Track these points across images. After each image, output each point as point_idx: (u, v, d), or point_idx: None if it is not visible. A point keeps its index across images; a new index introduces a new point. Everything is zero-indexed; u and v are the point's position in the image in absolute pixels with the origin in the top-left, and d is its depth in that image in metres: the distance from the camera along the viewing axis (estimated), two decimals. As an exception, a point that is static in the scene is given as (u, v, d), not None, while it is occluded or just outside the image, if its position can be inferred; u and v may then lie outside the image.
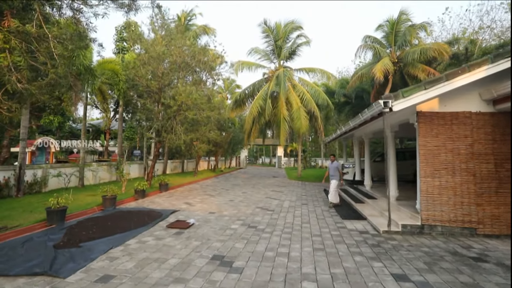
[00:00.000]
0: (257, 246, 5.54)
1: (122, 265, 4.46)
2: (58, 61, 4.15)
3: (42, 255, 4.75)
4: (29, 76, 3.98)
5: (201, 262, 4.66)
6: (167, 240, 5.79)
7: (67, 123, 28.73)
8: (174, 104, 10.13)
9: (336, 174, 9.66)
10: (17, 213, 7.34)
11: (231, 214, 8.37)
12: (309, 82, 20.11)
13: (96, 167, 13.54)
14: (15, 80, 3.77)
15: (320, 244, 5.74)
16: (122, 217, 7.71)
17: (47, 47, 4.00)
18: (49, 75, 4.17)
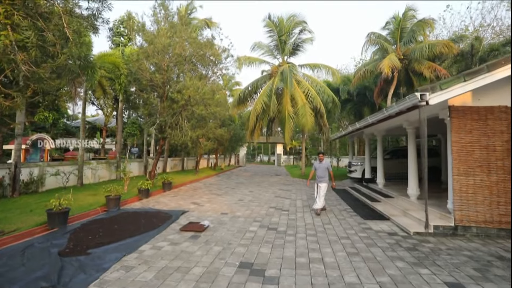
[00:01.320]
0: (284, 251, 5.04)
1: (141, 276, 3.91)
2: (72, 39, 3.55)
3: (46, 264, 4.18)
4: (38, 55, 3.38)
5: (228, 271, 4.14)
6: (184, 245, 5.25)
7: (61, 120, 27.84)
8: (181, 98, 9.54)
9: (325, 175, 8.09)
10: (13, 215, 6.71)
11: (245, 215, 7.85)
12: (314, 78, 19.64)
13: (95, 165, 12.86)
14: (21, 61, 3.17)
15: (351, 247, 5.27)
16: (129, 219, 7.14)
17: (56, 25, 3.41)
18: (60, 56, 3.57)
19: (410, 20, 19.61)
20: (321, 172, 8.11)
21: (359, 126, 10.44)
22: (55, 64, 3.62)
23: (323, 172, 8.08)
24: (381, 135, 11.58)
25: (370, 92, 25.47)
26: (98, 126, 27.41)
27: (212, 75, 13.78)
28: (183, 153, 20.77)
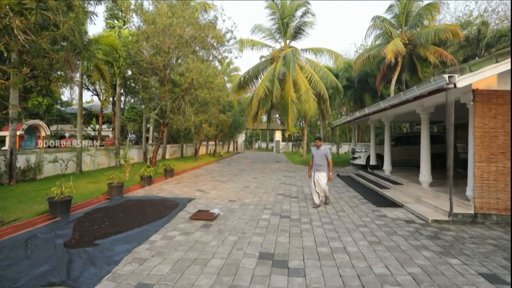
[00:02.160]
0: (303, 240, 4.80)
1: (156, 269, 3.63)
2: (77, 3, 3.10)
3: (53, 257, 3.87)
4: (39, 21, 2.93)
5: (249, 262, 3.88)
6: (197, 235, 4.98)
7: (55, 106, 27.05)
8: (184, 81, 9.06)
9: (324, 163, 7.12)
10: (12, 204, 6.36)
11: (254, 202, 7.60)
12: (317, 63, 19.09)
13: (94, 152, 12.45)
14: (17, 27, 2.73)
15: (371, 236, 5.05)
16: (134, 207, 6.83)
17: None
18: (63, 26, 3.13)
19: (416, 3, 19.00)
20: (319, 159, 7.13)
21: (369, 112, 10.12)
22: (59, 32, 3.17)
23: (321, 160, 7.12)
24: (389, 121, 11.31)
25: (372, 79, 25.03)
26: (94, 112, 26.73)
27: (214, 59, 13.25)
28: (182, 140, 20.34)
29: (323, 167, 7.11)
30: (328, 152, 7.17)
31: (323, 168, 7.11)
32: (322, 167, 7.11)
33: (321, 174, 7.08)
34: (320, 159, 7.13)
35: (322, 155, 7.14)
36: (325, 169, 7.12)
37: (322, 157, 7.13)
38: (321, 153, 7.16)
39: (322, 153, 7.15)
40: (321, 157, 7.13)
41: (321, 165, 7.11)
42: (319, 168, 7.11)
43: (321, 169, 7.12)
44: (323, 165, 7.11)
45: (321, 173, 7.08)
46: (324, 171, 7.11)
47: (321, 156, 7.14)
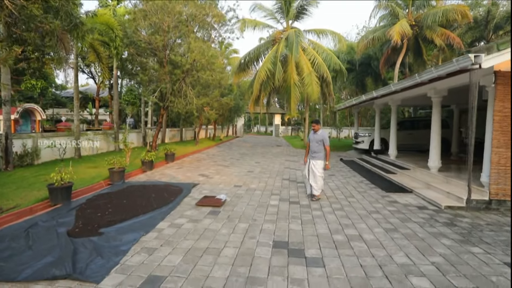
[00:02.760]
0: (316, 227, 4.63)
1: (167, 259, 3.44)
2: None
3: (56, 247, 3.66)
4: None
5: (264, 252, 3.70)
6: (206, 222, 4.79)
7: (50, 90, 26.36)
8: (185, 62, 8.61)
9: (320, 150, 6.22)
10: (10, 191, 6.11)
11: (260, 188, 7.41)
12: (320, 45, 18.46)
13: (93, 136, 12.10)
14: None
15: (386, 223, 4.89)
16: (137, 193, 6.61)
17: None
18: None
19: (424, -19, 18.21)
20: (315, 145, 6.26)
21: (376, 95, 9.80)
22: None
23: (317, 146, 6.24)
24: (396, 105, 11.01)
25: (375, 62, 24.45)
26: (90, 95, 26.09)
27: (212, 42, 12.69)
28: (182, 124, 19.96)
29: (320, 154, 6.24)
30: (326, 137, 6.22)
31: (319, 155, 6.23)
32: (318, 154, 6.23)
33: (316, 162, 6.21)
34: (316, 145, 6.25)
35: (318, 140, 6.21)
36: (321, 156, 6.22)
37: (318, 143, 6.22)
38: (318, 138, 6.22)
39: (318, 138, 6.21)
40: (317, 143, 6.23)
41: (317, 152, 6.24)
42: (315, 155, 6.24)
43: (316, 157, 6.23)
44: (320, 152, 6.24)
45: (317, 161, 6.21)
46: (320, 159, 6.21)
47: (318, 142, 6.22)
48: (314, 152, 6.28)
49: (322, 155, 6.22)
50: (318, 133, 6.27)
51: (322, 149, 6.23)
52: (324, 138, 6.21)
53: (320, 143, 6.21)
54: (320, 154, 6.23)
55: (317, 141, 6.23)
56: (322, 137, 6.22)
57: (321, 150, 6.23)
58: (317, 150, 6.25)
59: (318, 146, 6.24)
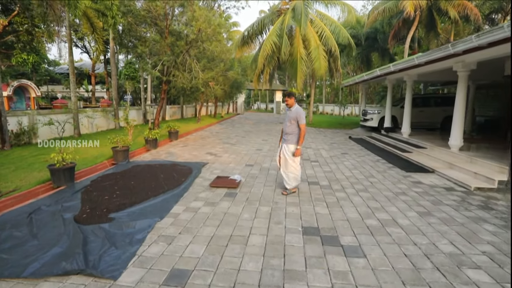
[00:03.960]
0: (345, 210, 4.28)
1: (189, 250, 3.08)
2: None
3: (64, 236, 3.28)
4: None
5: (295, 239, 3.35)
6: (224, 205, 4.42)
7: (43, 66, 25.27)
8: (190, 32, 7.89)
9: (294, 131, 4.85)
10: (9, 172, 5.67)
11: (273, 167, 7.03)
12: (328, 16, 17.39)
13: (92, 114, 11.52)
14: None
15: (417, 206, 4.54)
16: (144, 173, 6.20)
17: None
18: None
19: None
20: (287, 125, 4.89)
21: (394, 69, 9.19)
22: None
23: (289, 126, 4.85)
24: (412, 81, 10.42)
25: (381, 35, 23.38)
26: (86, 71, 25.06)
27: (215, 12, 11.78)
28: (185, 100, 19.26)
29: (293, 136, 4.84)
30: (301, 114, 4.79)
31: (292, 138, 4.84)
32: (291, 136, 4.85)
33: (288, 147, 4.87)
34: (288, 124, 4.86)
35: (292, 118, 4.81)
36: (295, 140, 4.84)
37: (291, 122, 4.82)
38: (291, 116, 4.82)
39: (292, 115, 4.81)
40: (290, 122, 4.84)
41: (290, 134, 4.86)
42: (287, 138, 4.89)
43: (289, 140, 4.86)
44: (293, 133, 4.84)
45: (289, 146, 4.86)
46: (293, 143, 4.84)
47: (291, 120, 4.82)
48: (286, 133, 4.92)
49: (296, 138, 4.85)
50: (293, 109, 4.88)
51: (296, 129, 4.84)
52: (299, 115, 4.77)
53: (294, 122, 4.82)
54: (293, 137, 4.86)
55: (290, 120, 4.83)
56: (295, 115, 4.79)
57: (294, 131, 4.85)
58: (290, 131, 4.86)
59: (291, 126, 4.84)
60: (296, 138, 4.84)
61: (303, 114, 4.81)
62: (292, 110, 4.89)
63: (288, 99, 4.92)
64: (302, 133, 4.79)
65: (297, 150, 4.81)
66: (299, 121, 4.78)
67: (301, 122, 4.77)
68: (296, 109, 4.86)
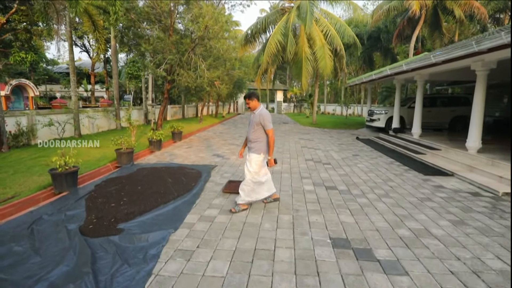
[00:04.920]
0: (371, 218, 3.97)
1: (211, 267, 2.75)
2: None
3: (69, 251, 2.95)
4: None
5: (326, 254, 3.03)
6: (241, 213, 4.09)
7: (41, 65, 24.86)
8: (197, 29, 7.55)
9: (259, 138, 4.04)
10: (7, 176, 5.33)
11: (286, 170, 6.72)
12: (333, 15, 17.09)
13: (93, 114, 11.17)
14: None
15: (446, 213, 4.24)
16: (151, 177, 5.87)
17: None
18: None
19: None
20: (251, 132, 4.10)
21: (407, 69, 8.90)
22: None
23: (253, 132, 4.05)
24: (423, 80, 10.14)
25: (385, 35, 23.15)
26: (85, 71, 24.65)
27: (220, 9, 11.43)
28: (189, 99, 18.90)
29: (256, 144, 4.02)
30: (266, 117, 3.93)
31: (255, 146, 4.02)
32: (255, 144, 4.03)
33: (250, 157, 4.07)
34: (252, 130, 4.05)
35: (255, 123, 4.00)
36: (259, 148, 4.00)
37: (255, 128, 4.01)
38: (255, 120, 4.01)
39: (255, 120, 4.00)
40: (253, 127, 4.03)
41: (254, 141, 4.04)
42: (251, 146, 4.09)
43: (252, 148, 4.06)
44: (257, 140, 4.02)
45: (251, 155, 4.06)
46: (255, 152, 4.01)
47: (254, 126, 4.02)
48: (250, 141, 4.12)
49: (260, 146, 4.00)
50: (256, 113, 4.04)
51: (261, 136, 4.01)
52: (263, 119, 3.93)
53: (259, 128, 3.99)
54: (258, 145, 4.01)
55: (254, 125, 4.02)
56: (260, 118, 3.94)
57: (260, 138, 4.01)
58: (254, 138, 4.02)
59: (255, 132, 4.01)
60: (261, 145, 4.00)
61: (269, 118, 3.98)
62: (255, 114, 4.04)
63: (249, 101, 4.05)
64: (271, 141, 4.00)
65: (270, 160, 4.05)
66: (265, 126, 3.94)
67: (267, 127, 3.95)
68: (260, 112, 4.01)
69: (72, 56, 9.84)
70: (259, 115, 4.00)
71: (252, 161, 4.04)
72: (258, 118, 3.99)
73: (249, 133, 4.14)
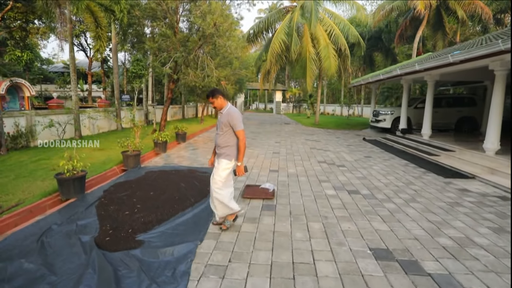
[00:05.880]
0: (405, 225, 3.72)
1: (250, 285, 2.47)
2: None
3: (88, 268, 2.63)
4: None
5: (371, 267, 2.77)
6: (267, 221, 3.81)
7: (36, 64, 24.27)
8: (207, 27, 7.24)
9: (228, 141, 3.35)
10: (8, 181, 4.97)
11: (301, 173, 6.44)
12: (337, 15, 16.90)
13: (94, 114, 10.79)
14: None
15: (482, 219, 4.01)
16: (161, 181, 5.55)
17: None
18: None
19: None
20: (219, 135, 3.40)
21: (419, 68, 8.69)
22: None
23: (221, 135, 3.36)
24: (434, 80, 9.97)
25: (386, 35, 23.07)
26: (82, 70, 24.12)
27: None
28: (184, 100, 18.58)
29: (228, 149, 3.35)
30: (235, 117, 3.26)
31: (226, 151, 3.35)
32: (224, 149, 3.35)
33: (219, 163, 3.38)
34: (220, 132, 3.37)
35: (223, 124, 3.33)
36: (228, 152, 3.33)
37: (223, 129, 3.34)
38: (222, 121, 3.33)
39: (223, 120, 3.33)
40: (221, 129, 3.36)
41: (223, 146, 3.36)
42: (219, 152, 3.40)
43: (221, 154, 3.37)
44: (227, 145, 3.34)
45: (220, 161, 3.37)
46: (225, 157, 3.34)
47: (222, 127, 3.35)
48: (218, 146, 3.41)
49: (231, 151, 3.33)
50: (223, 112, 3.36)
51: (231, 140, 3.33)
52: (232, 118, 3.25)
53: (227, 129, 3.31)
54: (228, 150, 3.34)
55: (222, 126, 3.35)
56: (228, 118, 3.27)
57: (229, 141, 3.33)
58: (223, 142, 3.35)
59: (224, 136, 3.34)
60: (231, 150, 3.32)
61: (239, 117, 3.28)
62: (222, 113, 3.35)
63: (214, 99, 3.33)
64: (242, 144, 3.26)
65: (238, 168, 3.33)
66: (234, 127, 3.24)
67: (237, 128, 3.23)
68: (228, 111, 3.31)
69: (73, 54, 9.47)
70: (227, 114, 3.30)
71: (220, 169, 3.33)
72: (226, 118, 3.27)
73: (217, 136, 3.41)
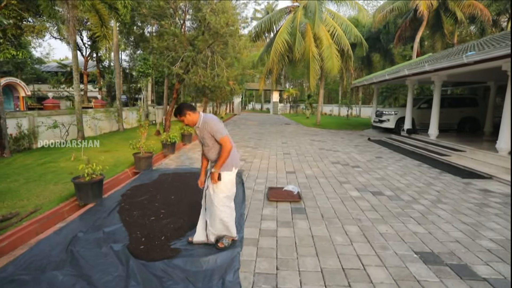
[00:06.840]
0: (442, 227, 3.65)
1: (306, 294, 2.33)
2: None
3: (130, 280, 2.45)
4: None
5: (423, 272, 2.67)
6: (302, 225, 3.68)
7: (28, 63, 23.64)
8: (220, 26, 7.05)
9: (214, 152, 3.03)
10: (19, 185, 4.73)
11: (318, 174, 6.34)
12: (339, 15, 16.91)
13: (100, 115, 10.49)
14: None
15: (515, 220, 3.97)
16: (178, 184, 5.38)
17: None
18: None
19: None
20: (208, 150, 3.06)
21: (429, 69, 8.68)
22: None
23: (211, 150, 3.04)
24: (441, 81, 10.00)
25: (384, 36, 23.21)
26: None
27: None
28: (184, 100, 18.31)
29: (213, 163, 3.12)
30: (213, 123, 2.92)
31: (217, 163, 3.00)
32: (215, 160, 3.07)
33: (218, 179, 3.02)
34: (207, 147, 3.04)
35: (206, 138, 2.99)
36: (227, 162, 3.00)
37: (208, 144, 3.01)
38: (204, 136, 2.99)
39: (204, 135, 2.98)
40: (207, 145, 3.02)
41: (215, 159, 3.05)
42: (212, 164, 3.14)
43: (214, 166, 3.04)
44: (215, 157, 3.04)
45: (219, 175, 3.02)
46: (224, 170, 3.02)
47: (206, 142, 3.02)
48: (211, 161, 3.14)
49: (227, 161, 2.99)
50: (199, 125, 2.97)
51: (216, 151, 3.02)
52: (210, 126, 2.91)
53: (212, 142, 2.98)
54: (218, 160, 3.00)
55: (205, 140, 3.01)
56: (209, 129, 2.91)
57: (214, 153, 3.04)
58: (214, 155, 3.04)
59: (213, 149, 3.02)
60: (228, 161, 2.99)
61: (218, 123, 2.95)
62: (199, 127, 2.98)
63: (183, 117, 2.96)
64: (224, 151, 2.89)
65: (213, 175, 2.97)
66: (215, 136, 2.91)
67: (219, 135, 2.89)
68: (203, 122, 2.94)
69: (75, 53, 9.18)
70: (204, 125, 2.93)
71: (222, 183, 3.01)
72: (205, 130, 2.94)
73: (207, 152, 3.08)
